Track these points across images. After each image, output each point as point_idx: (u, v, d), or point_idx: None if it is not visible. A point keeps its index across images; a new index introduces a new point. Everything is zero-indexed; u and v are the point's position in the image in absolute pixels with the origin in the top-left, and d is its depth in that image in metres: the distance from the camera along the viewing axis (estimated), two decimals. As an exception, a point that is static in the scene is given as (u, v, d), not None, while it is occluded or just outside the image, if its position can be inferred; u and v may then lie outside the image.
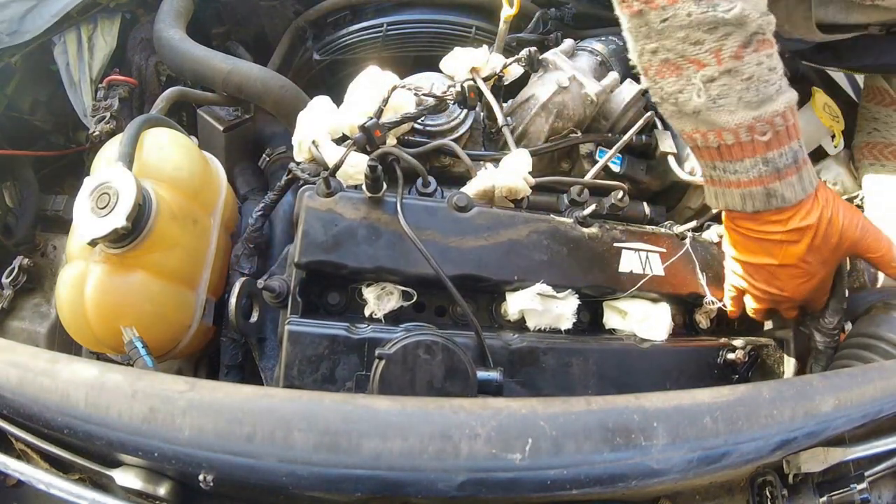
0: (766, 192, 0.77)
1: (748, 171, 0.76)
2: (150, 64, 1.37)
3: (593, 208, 0.90)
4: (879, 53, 1.11)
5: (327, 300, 0.86)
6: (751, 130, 0.73)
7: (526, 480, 0.58)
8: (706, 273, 0.97)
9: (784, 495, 0.72)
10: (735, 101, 0.72)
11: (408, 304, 0.85)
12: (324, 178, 0.82)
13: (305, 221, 0.81)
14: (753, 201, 0.78)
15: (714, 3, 0.69)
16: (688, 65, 0.72)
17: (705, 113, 0.73)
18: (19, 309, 1.29)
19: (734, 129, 0.73)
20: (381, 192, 0.83)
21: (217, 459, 0.57)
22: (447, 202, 0.86)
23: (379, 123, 0.87)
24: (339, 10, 1.41)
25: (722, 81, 0.71)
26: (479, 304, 0.91)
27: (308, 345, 0.78)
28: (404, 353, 0.71)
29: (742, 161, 0.75)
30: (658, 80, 0.75)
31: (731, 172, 0.77)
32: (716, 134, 0.74)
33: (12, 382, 0.63)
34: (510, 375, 0.83)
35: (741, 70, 0.71)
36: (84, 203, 0.86)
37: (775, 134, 0.74)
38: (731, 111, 0.73)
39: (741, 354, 0.94)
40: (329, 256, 0.81)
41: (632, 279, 0.91)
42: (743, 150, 0.75)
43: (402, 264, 0.82)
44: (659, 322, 0.94)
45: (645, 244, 0.94)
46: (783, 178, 0.76)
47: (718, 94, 0.72)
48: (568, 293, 0.88)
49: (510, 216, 0.88)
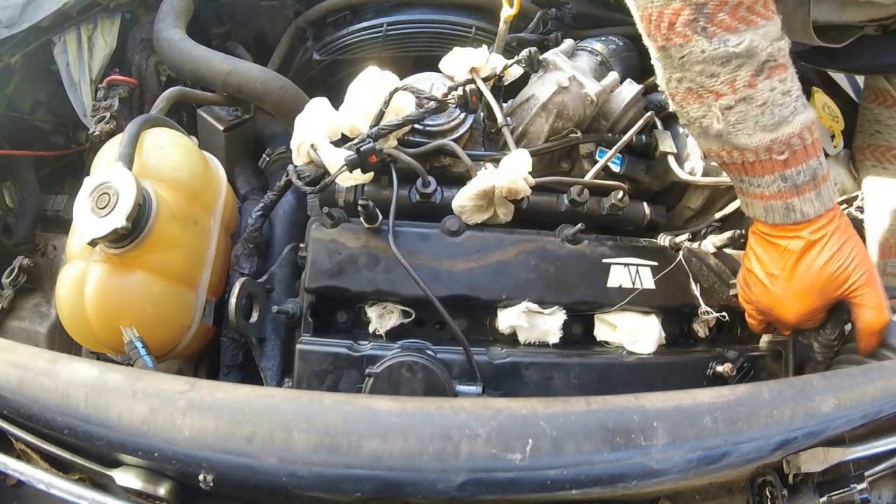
0: (786, 207, 0.80)
1: (769, 186, 0.80)
2: (150, 64, 1.37)
3: (580, 227, 0.95)
4: (876, 54, 1.11)
5: (336, 319, 0.95)
6: (769, 151, 0.77)
7: (526, 480, 0.58)
8: (701, 284, 0.98)
9: (784, 495, 0.72)
10: (752, 125, 0.76)
11: (408, 321, 0.92)
12: (327, 213, 0.91)
13: (313, 251, 0.90)
14: (774, 214, 0.81)
15: (725, 38, 0.73)
16: (707, 94, 0.77)
17: (726, 136, 0.78)
18: (19, 309, 1.29)
19: (754, 150, 0.77)
20: (378, 222, 0.90)
21: (217, 460, 0.57)
22: (440, 227, 0.93)
23: (375, 148, 0.89)
24: (339, 10, 1.41)
25: (738, 109, 0.76)
26: (475, 318, 0.96)
27: (315, 361, 0.87)
28: (389, 372, 0.80)
29: (763, 177, 0.80)
30: (684, 105, 0.80)
31: (754, 186, 0.81)
32: (739, 153, 0.79)
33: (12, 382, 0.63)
34: (494, 388, 0.88)
35: (755, 97, 0.75)
36: (84, 203, 0.86)
37: (792, 153, 0.77)
38: (749, 134, 0.77)
39: (729, 368, 0.94)
40: (334, 282, 0.90)
41: (621, 293, 0.95)
42: (763, 168, 0.79)
43: (398, 287, 0.90)
44: (648, 335, 0.95)
45: (635, 258, 0.97)
46: (801, 194, 0.79)
47: (736, 121, 0.77)
48: (555, 309, 0.93)
49: (498, 238, 0.94)
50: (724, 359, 0.95)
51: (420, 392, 0.79)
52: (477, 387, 0.83)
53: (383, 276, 0.90)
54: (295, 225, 1.15)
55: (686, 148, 1.10)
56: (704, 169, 1.07)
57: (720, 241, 1.01)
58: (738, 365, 0.95)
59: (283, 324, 0.99)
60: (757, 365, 0.98)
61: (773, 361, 1.01)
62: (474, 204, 0.94)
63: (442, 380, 0.80)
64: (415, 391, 0.79)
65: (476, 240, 0.93)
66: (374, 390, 0.79)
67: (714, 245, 1.02)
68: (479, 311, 0.96)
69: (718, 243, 1.02)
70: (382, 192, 0.96)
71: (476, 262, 0.92)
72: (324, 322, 0.94)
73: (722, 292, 1.00)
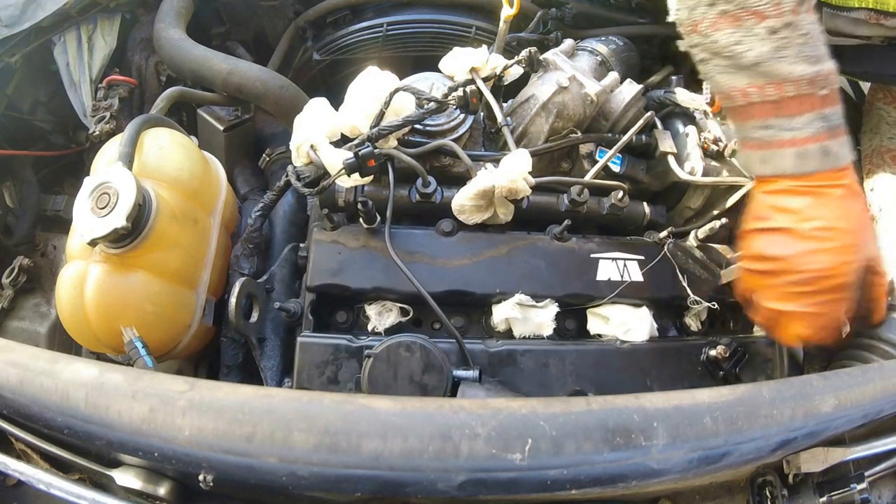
0: (822, 150, 0.75)
1: (805, 127, 0.75)
2: (150, 64, 1.37)
3: (567, 223, 0.97)
4: (880, 62, 1.11)
5: (336, 319, 0.96)
6: (811, 84, 0.73)
7: (526, 480, 0.58)
8: (688, 275, 0.99)
9: (784, 495, 0.72)
10: (795, 53, 0.73)
11: (406, 319, 0.94)
12: (327, 215, 0.94)
13: (314, 252, 0.93)
14: (809, 160, 0.76)
15: None
16: (748, 16, 0.72)
17: (766, 64, 0.73)
18: (19, 309, 1.29)
19: (796, 81, 0.73)
20: (376, 222, 0.93)
21: (217, 459, 0.57)
22: (435, 229, 0.96)
23: (374, 153, 0.89)
24: (339, 10, 1.41)
25: (783, 34, 0.72)
26: (472, 317, 0.98)
27: (315, 353, 0.88)
28: (388, 352, 0.82)
29: (801, 116, 0.74)
30: (711, 33, 0.75)
31: (786, 129, 0.75)
32: (775, 86, 0.74)
33: (12, 382, 0.63)
34: (491, 375, 0.89)
35: (799, 25, 0.72)
36: (84, 203, 0.86)
37: (832, 91, 0.74)
38: (792, 63, 0.73)
39: (722, 350, 0.94)
40: (334, 280, 0.92)
41: (610, 286, 0.96)
42: (801, 104, 0.74)
43: (396, 284, 0.92)
44: (640, 325, 0.95)
45: (622, 253, 0.98)
46: (836, 137, 0.75)
47: (779, 46, 0.73)
48: (547, 302, 0.94)
49: (490, 237, 0.97)
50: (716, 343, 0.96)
51: (419, 371, 0.81)
52: (473, 371, 0.84)
53: (382, 273, 0.92)
54: (295, 225, 1.15)
55: (686, 148, 1.10)
56: (704, 169, 1.07)
57: (703, 233, 1.01)
58: (731, 349, 0.95)
59: (283, 324, 0.99)
60: (751, 350, 0.98)
61: (766, 346, 1.01)
62: (474, 204, 0.94)
63: (440, 359, 0.81)
64: (413, 370, 0.81)
65: (469, 239, 0.96)
66: (373, 370, 0.81)
67: (697, 238, 1.02)
68: (474, 307, 0.97)
69: (702, 236, 1.02)
70: (383, 191, 0.96)
71: (470, 260, 0.95)
72: (324, 322, 0.95)
73: (710, 283, 1.01)
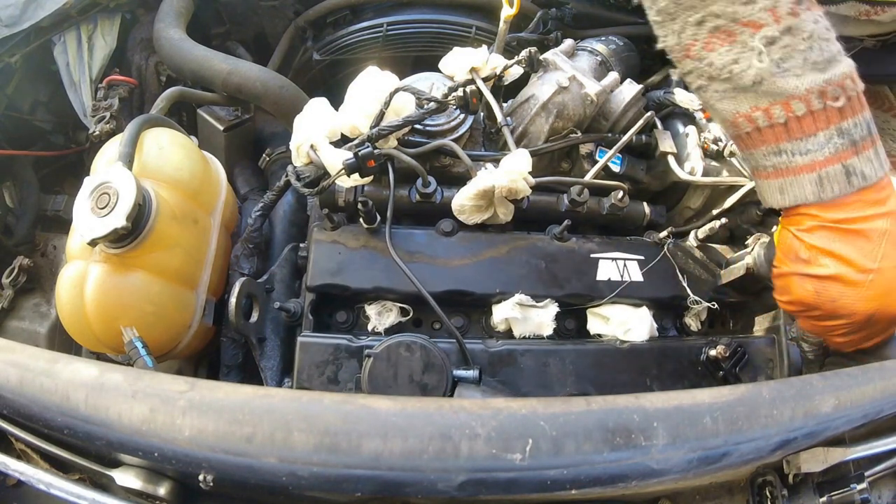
0: (845, 171, 0.67)
1: (822, 148, 0.67)
2: (150, 64, 1.37)
3: (567, 223, 0.96)
4: (870, 63, 1.10)
5: (336, 319, 0.96)
6: (822, 96, 0.65)
7: (526, 480, 0.58)
8: (688, 276, 0.99)
9: (784, 495, 0.72)
10: (800, 62, 0.65)
11: (405, 319, 0.94)
12: (327, 215, 0.93)
13: (315, 252, 0.93)
14: (832, 184, 0.68)
15: None
16: (742, 29, 0.65)
17: (769, 81, 0.65)
18: (19, 309, 1.30)
19: (804, 97, 0.65)
20: (376, 222, 0.93)
21: (217, 459, 0.57)
22: (435, 229, 0.96)
23: (373, 153, 0.89)
24: (339, 10, 1.41)
25: (783, 42, 0.64)
26: (472, 317, 0.98)
27: (315, 352, 0.88)
28: (388, 351, 0.81)
29: (815, 136, 0.67)
30: (705, 54, 0.68)
31: (801, 153, 0.68)
32: (782, 106, 0.66)
33: (12, 382, 0.63)
34: (491, 375, 0.89)
35: (801, 27, 0.64)
36: (84, 203, 0.86)
37: (848, 100, 0.66)
38: (798, 75, 0.65)
39: (722, 350, 0.94)
40: (335, 279, 0.92)
41: (610, 286, 0.96)
42: (815, 122, 0.66)
43: (396, 284, 0.92)
44: (640, 325, 0.95)
45: (621, 253, 0.98)
46: (861, 152, 0.67)
47: (781, 57, 0.65)
48: (547, 302, 0.94)
49: (490, 237, 0.97)
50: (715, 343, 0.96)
51: (419, 370, 0.81)
52: (473, 371, 0.84)
53: (382, 273, 0.92)
54: (295, 225, 1.16)
55: (686, 148, 1.10)
56: (704, 169, 1.07)
57: (703, 233, 1.01)
58: (731, 349, 0.94)
59: (282, 324, 0.99)
60: (751, 350, 0.98)
61: (766, 346, 1.01)
62: (474, 204, 0.94)
63: (440, 359, 0.81)
64: (413, 369, 0.81)
65: (469, 239, 0.96)
66: (374, 370, 0.81)
67: (697, 238, 1.02)
68: (475, 308, 0.97)
69: (701, 236, 1.02)
70: (383, 191, 0.96)
71: (470, 260, 0.94)
72: (324, 322, 0.95)
73: (710, 283, 1.01)
